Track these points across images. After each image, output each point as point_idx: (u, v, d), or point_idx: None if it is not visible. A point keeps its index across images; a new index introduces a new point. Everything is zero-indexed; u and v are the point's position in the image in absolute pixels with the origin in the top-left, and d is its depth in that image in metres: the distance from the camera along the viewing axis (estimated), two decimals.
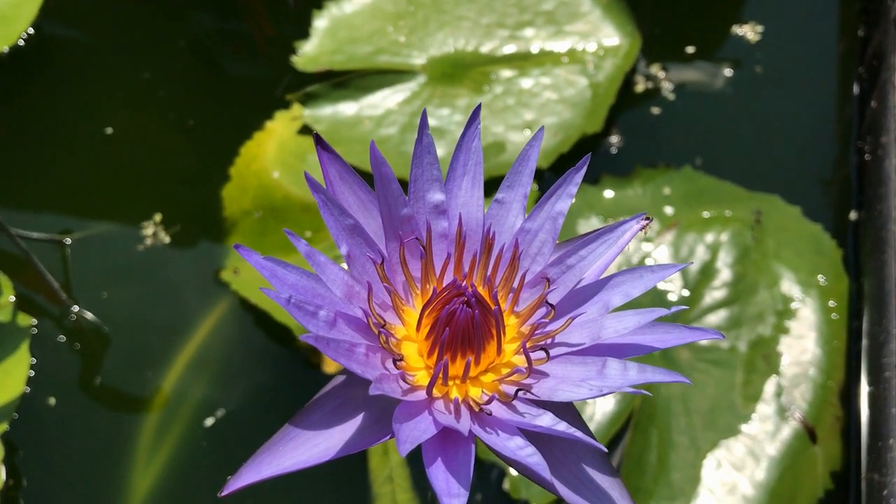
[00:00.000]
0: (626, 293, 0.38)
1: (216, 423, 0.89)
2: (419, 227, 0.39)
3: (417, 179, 0.39)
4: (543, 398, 0.36)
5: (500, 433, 0.34)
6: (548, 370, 0.37)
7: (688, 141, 1.07)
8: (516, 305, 0.39)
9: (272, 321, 0.92)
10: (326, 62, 1.10)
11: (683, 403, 0.85)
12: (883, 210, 0.88)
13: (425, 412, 0.35)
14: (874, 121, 0.97)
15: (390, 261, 0.38)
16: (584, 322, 0.38)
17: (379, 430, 0.35)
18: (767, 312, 0.90)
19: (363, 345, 0.35)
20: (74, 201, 1.04)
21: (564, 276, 0.39)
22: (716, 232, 0.94)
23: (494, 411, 0.35)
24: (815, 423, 0.84)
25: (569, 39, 1.10)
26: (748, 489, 0.81)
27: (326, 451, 0.34)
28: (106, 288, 0.97)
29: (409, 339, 0.38)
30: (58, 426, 0.90)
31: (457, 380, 0.37)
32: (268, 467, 0.34)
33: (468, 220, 0.40)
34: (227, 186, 1.01)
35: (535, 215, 0.39)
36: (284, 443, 0.35)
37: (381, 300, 0.38)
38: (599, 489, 0.35)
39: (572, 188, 0.39)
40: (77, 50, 1.17)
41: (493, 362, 0.38)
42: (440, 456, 0.33)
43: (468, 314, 0.36)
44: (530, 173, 0.40)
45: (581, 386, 0.35)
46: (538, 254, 0.40)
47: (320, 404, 0.36)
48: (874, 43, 1.03)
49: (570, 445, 0.36)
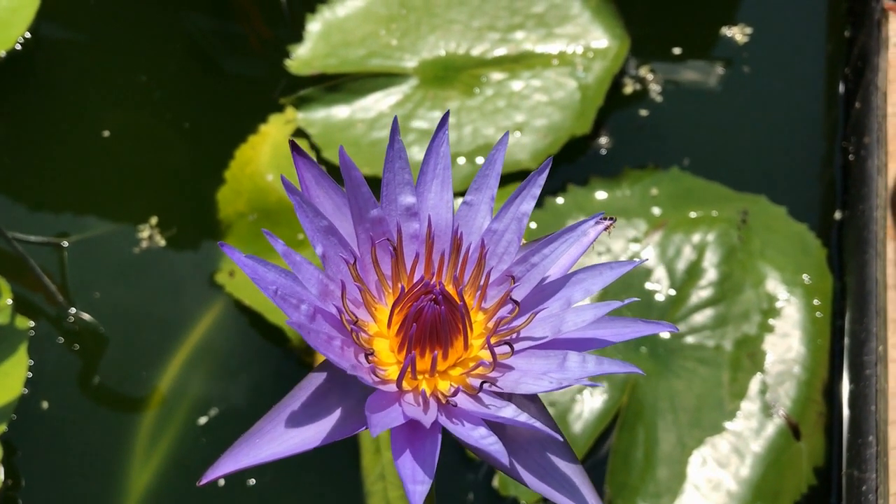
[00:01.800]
0: (586, 289, 0.39)
1: (211, 422, 0.91)
2: (390, 228, 0.41)
3: (389, 183, 0.41)
4: (507, 390, 0.37)
5: (466, 424, 0.36)
6: (513, 364, 0.39)
7: (675, 142, 1.08)
8: (484, 302, 0.41)
9: (266, 322, 0.93)
10: (319, 66, 1.11)
11: (670, 401, 0.87)
12: (865, 210, 0.90)
13: (395, 404, 0.36)
14: (858, 121, 0.98)
15: (363, 261, 0.40)
16: (547, 317, 0.39)
17: (352, 423, 0.37)
18: (753, 311, 0.91)
19: (339, 338, 0.37)
20: (72, 204, 1.06)
21: (529, 273, 0.40)
22: (702, 232, 0.95)
23: (460, 403, 0.37)
24: (799, 420, 0.86)
25: (559, 42, 1.11)
26: (733, 485, 0.83)
27: (302, 443, 0.36)
28: (102, 290, 0.99)
29: (380, 336, 0.40)
30: (56, 427, 0.92)
31: (426, 374, 0.38)
32: (245, 457, 0.36)
33: (437, 221, 0.41)
34: (222, 189, 1.03)
35: (501, 216, 0.41)
36: (262, 434, 0.36)
37: (354, 298, 0.39)
38: (563, 476, 0.37)
39: (535, 189, 0.41)
40: (74, 53, 1.18)
41: (461, 357, 0.39)
42: (408, 447, 0.35)
43: (435, 310, 0.37)
44: (496, 176, 0.41)
45: (542, 378, 0.37)
46: (504, 253, 0.41)
47: (296, 397, 0.37)
48: (859, 44, 1.04)
49: (534, 436, 0.37)
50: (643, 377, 0.88)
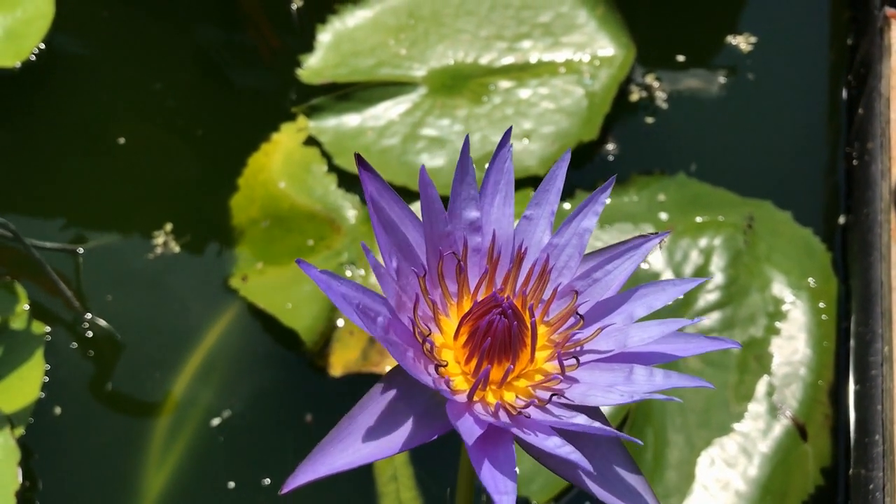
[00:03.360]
0: (649, 305, 0.40)
1: (226, 426, 0.92)
2: (457, 243, 0.41)
3: (457, 198, 0.41)
4: (576, 402, 0.38)
5: (539, 434, 0.36)
6: (577, 376, 0.39)
7: (681, 148, 1.10)
8: (546, 315, 0.42)
9: (279, 326, 0.95)
10: (330, 75, 1.13)
11: (678, 403, 0.88)
12: (870, 213, 0.91)
13: (466, 414, 0.37)
14: (861, 127, 1.00)
15: (431, 274, 0.41)
16: (610, 331, 0.40)
17: (420, 432, 0.37)
18: (759, 314, 0.92)
19: (411, 350, 0.38)
20: (87, 211, 1.07)
21: (591, 288, 0.41)
22: (709, 237, 0.96)
23: (533, 414, 0.38)
24: (806, 420, 0.87)
25: (565, 50, 1.13)
26: (741, 485, 0.84)
27: (373, 453, 0.37)
28: (117, 295, 1.00)
29: (446, 347, 0.41)
30: (71, 430, 0.93)
31: (493, 385, 0.39)
32: (322, 466, 0.37)
33: (500, 235, 0.42)
34: (236, 196, 1.04)
35: (562, 231, 0.42)
36: (335, 444, 0.37)
37: (422, 312, 0.40)
38: (627, 485, 0.38)
39: (598, 207, 0.42)
40: (88, 63, 1.20)
41: (525, 369, 0.40)
42: (487, 458, 0.35)
43: (505, 324, 0.38)
44: (557, 192, 0.42)
45: (611, 391, 0.38)
46: (565, 267, 0.42)
47: (365, 408, 0.38)
48: (861, 51, 1.06)
49: (597, 447, 0.38)
50: None
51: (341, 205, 1.02)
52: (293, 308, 0.95)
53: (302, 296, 0.95)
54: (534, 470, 0.86)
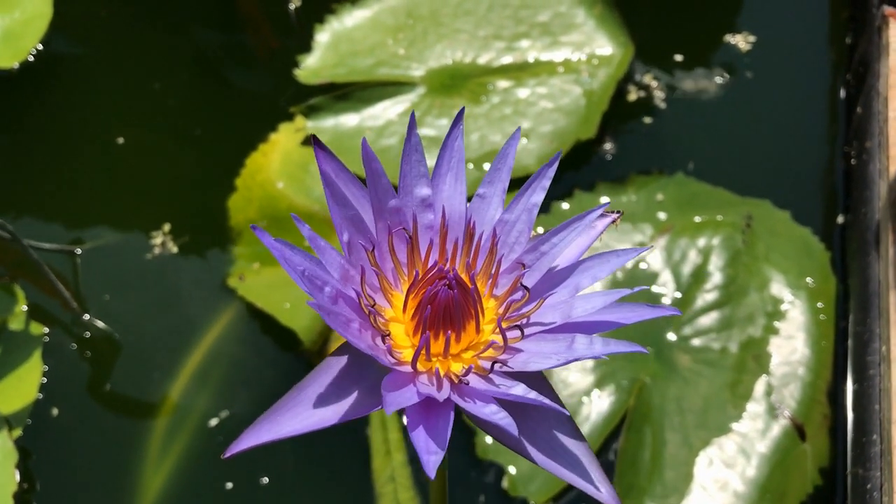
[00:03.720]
0: (593, 276, 0.41)
1: (224, 426, 0.92)
2: (407, 218, 0.43)
3: (406, 175, 0.43)
4: (517, 369, 0.39)
5: (477, 402, 0.38)
6: (522, 347, 0.40)
7: (680, 148, 1.10)
8: (496, 289, 0.43)
9: (278, 326, 0.95)
10: (328, 75, 1.13)
11: (676, 403, 0.88)
12: (868, 213, 0.91)
13: (410, 384, 0.38)
14: (860, 126, 1.00)
15: (380, 249, 0.42)
16: (556, 303, 0.41)
17: (368, 403, 0.39)
18: (758, 314, 0.92)
19: (357, 321, 0.39)
20: (86, 211, 1.07)
21: (539, 261, 0.42)
22: (707, 236, 0.96)
23: (472, 383, 0.39)
24: (804, 420, 0.87)
25: (564, 50, 1.13)
26: (739, 486, 0.84)
27: (320, 420, 0.38)
28: (115, 296, 1.00)
29: (396, 321, 0.42)
30: (69, 431, 0.93)
31: (439, 356, 0.40)
32: (267, 433, 0.38)
33: (451, 212, 0.43)
34: (233, 197, 1.04)
35: (512, 207, 0.43)
36: (283, 412, 0.38)
37: (372, 283, 0.41)
38: (571, 454, 0.39)
39: (545, 181, 0.43)
40: (86, 64, 1.20)
41: (474, 341, 0.41)
42: (422, 423, 0.37)
43: (449, 294, 0.39)
44: (508, 170, 0.43)
45: (550, 357, 0.39)
46: (515, 242, 0.43)
47: (315, 378, 0.39)
48: (860, 50, 1.06)
49: (543, 416, 0.39)
50: (650, 380, 0.89)
51: None
52: (291, 308, 0.95)
53: (300, 295, 0.95)
54: (532, 471, 0.86)
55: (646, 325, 0.92)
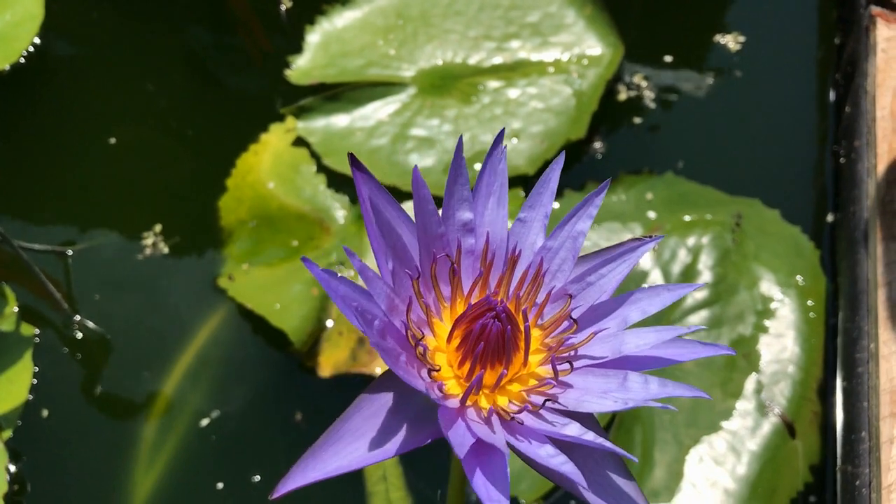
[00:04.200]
0: (643, 310, 0.40)
1: (215, 426, 0.92)
2: (451, 245, 0.41)
3: (450, 199, 0.41)
4: (570, 408, 0.38)
5: (532, 441, 0.36)
6: (571, 381, 0.39)
7: (670, 147, 1.10)
8: (539, 319, 0.42)
9: (269, 327, 0.95)
10: (319, 76, 1.13)
11: (667, 401, 0.88)
12: (856, 211, 0.91)
13: (458, 419, 0.37)
14: (848, 125, 1.00)
15: (424, 276, 0.40)
16: (605, 336, 0.40)
17: (412, 437, 0.37)
18: (748, 312, 0.92)
19: (404, 354, 0.38)
20: (77, 212, 1.07)
21: (585, 291, 0.41)
22: (697, 235, 0.97)
23: (526, 421, 0.37)
24: (794, 418, 0.87)
25: (554, 50, 1.13)
26: (729, 483, 0.84)
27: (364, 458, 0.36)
28: (106, 297, 1.00)
29: (439, 350, 0.40)
30: (60, 432, 0.93)
31: (486, 389, 0.39)
32: (313, 471, 0.37)
33: (494, 237, 0.42)
34: (224, 197, 1.04)
35: (556, 234, 0.42)
36: (326, 448, 0.37)
37: (415, 315, 0.40)
38: (620, 491, 0.37)
39: (592, 210, 0.42)
40: (78, 65, 1.20)
41: (518, 373, 0.40)
42: (478, 466, 0.35)
43: (499, 328, 0.38)
44: (551, 194, 0.42)
45: (605, 398, 0.37)
46: (559, 270, 0.42)
47: (357, 411, 0.38)
48: (848, 50, 1.06)
49: (588, 451, 0.38)
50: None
51: (330, 205, 1.03)
52: (282, 309, 0.95)
53: (291, 296, 0.95)
54: (523, 469, 0.86)
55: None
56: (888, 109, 0.90)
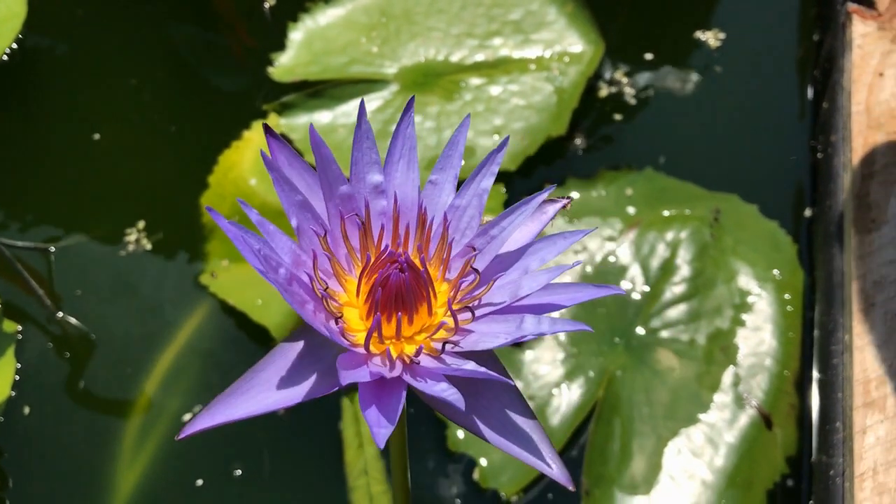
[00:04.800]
0: (541, 258, 0.42)
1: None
2: (359, 205, 0.43)
3: (358, 162, 0.43)
4: (468, 349, 0.40)
5: (428, 380, 0.38)
6: (473, 328, 0.41)
7: (649, 143, 1.11)
8: (448, 273, 0.43)
9: (251, 322, 0.95)
10: (302, 73, 1.13)
11: (646, 394, 0.89)
12: (832, 206, 0.92)
13: (364, 365, 0.39)
14: (826, 121, 1.01)
15: (333, 234, 0.42)
16: (505, 284, 0.42)
17: (324, 384, 0.39)
18: (725, 306, 0.93)
19: (311, 303, 0.40)
20: (60, 208, 1.08)
21: (489, 245, 0.43)
22: (676, 230, 0.97)
23: (424, 363, 0.40)
24: (772, 410, 0.88)
25: (535, 47, 1.14)
26: (707, 475, 0.85)
27: (276, 402, 0.38)
28: (89, 294, 1.00)
29: (350, 305, 0.42)
30: (42, 429, 0.93)
31: (392, 339, 0.41)
32: (221, 415, 0.38)
33: (403, 198, 0.44)
34: (206, 194, 1.05)
35: (462, 193, 0.44)
36: (238, 394, 0.39)
37: (325, 269, 0.42)
38: (522, 431, 0.40)
39: (494, 167, 0.44)
40: (62, 61, 1.20)
41: (426, 324, 0.42)
42: (374, 402, 0.38)
43: (400, 277, 0.40)
44: (459, 156, 0.44)
45: (499, 336, 0.40)
46: (467, 227, 0.44)
47: (271, 361, 0.40)
48: (826, 47, 1.07)
49: (495, 395, 0.40)
50: (620, 372, 0.90)
51: None
52: (263, 304, 0.95)
53: (271, 292, 0.95)
54: (503, 463, 0.87)
55: (615, 318, 0.93)
56: (863, 105, 0.91)
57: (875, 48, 0.95)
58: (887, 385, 0.76)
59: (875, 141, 0.89)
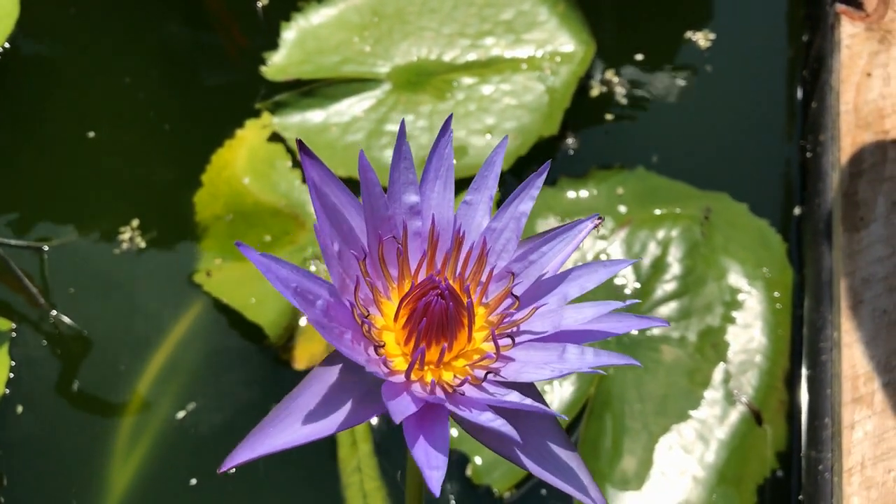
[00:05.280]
0: (582, 286, 0.42)
1: (191, 418, 0.92)
2: (397, 226, 0.42)
3: (395, 182, 0.42)
4: (510, 379, 0.39)
5: (473, 410, 0.38)
6: (513, 356, 0.40)
7: (641, 142, 1.12)
8: (484, 297, 0.43)
9: (244, 321, 0.95)
10: (295, 72, 1.14)
11: (637, 391, 0.90)
12: (821, 204, 0.93)
13: (404, 393, 0.38)
14: (815, 120, 1.02)
15: (372, 257, 0.42)
16: (546, 312, 0.41)
17: (361, 412, 0.38)
18: (716, 303, 0.94)
19: (350, 332, 0.39)
20: (54, 206, 1.08)
21: (527, 270, 0.42)
22: (667, 228, 0.98)
23: (467, 392, 0.39)
24: (762, 406, 0.89)
25: (527, 47, 1.15)
26: (698, 471, 0.86)
27: (314, 431, 0.37)
28: (83, 292, 1.00)
29: (387, 329, 0.42)
30: (37, 426, 0.93)
31: (431, 365, 0.40)
32: (261, 446, 0.37)
33: (440, 219, 0.43)
34: (200, 192, 1.05)
35: (500, 215, 0.43)
36: (275, 424, 0.38)
37: (363, 294, 0.41)
38: (561, 461, 0.39)
39: (534, 191, 0.43)
40: (56, 60, 1.21)
41: (464, 349, 0.41)
42: (420, 434, 0.36)
43: (442, 305, 0.39)
44: (495, 177, 0.43)
45: (543, 368, 0.39)
46: (503, 250, 0.43)
47: (306, 388, 0.39)
48: (815, 47, 1.08)
49: (533, 425, 0.39)
50: (611, 369, 0.91)
51: (305, 200, 1.03)
52: (257, 303, 0.96)
53: (266, 290, 0.96)
54: (496, 460, 0.87)
55: None
56: (851, 104, 0.92)
57: (863, 48, 0.96)
58: (875, 381, 0.77)
59: (863, 140, 0.90)
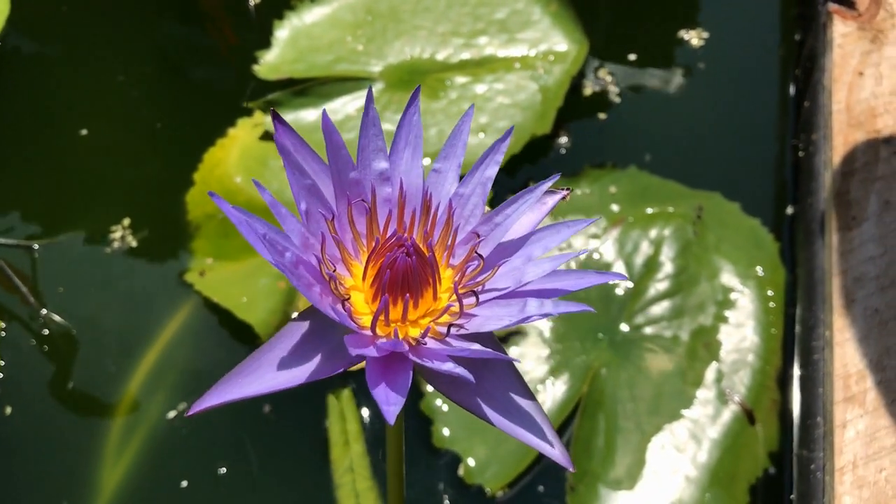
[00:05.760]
0: (545, 246, 0.43)
1: (182, 417, 0.92)
2: (366, 190, 0.44)
3: (364, 149, 0.43)
4: (473, 331, 0.41)
5: (435, 361, 0.39)
6: (477, 312, 0.42)
7: (633, 141, 1.12)
8: (452, 259, 0.44)
9: (235, 320, 0.95)
10: (287, 70, 1.13)
11: (629, 390, 0.89)
12: (813, 203, 0.93)
13: (370, 346, 0.40)
14: (807, 119, 1.02)
15: (340, 219, 0.43)
16: (509, 270, 0.43)
17: (331, 364, 0.40)
18: (708, 303, 0.94)
19: (318, 286, 0.40)
20: (45, 205, 1.07)
21: (493, 232, 0.44)
22: (659, 227, 0.98)
23: (429, 345, 0.40)
24: (754, 406, 0.89)
25: (520, 46, 1.14)
26: (691, 470, 0.86)
27: (285, 381, 0.39)
28: (74, 291, 1.00)
29: (356, 289, 0.43)
30: (26, 425, 0.93)
31: (397, 322, 0.41)
32: (229, 393, 0.39)
33: (409, 185, 0.44)
34: (191, 191, 1.04)
35: (467, 181, 0.44)
36: (246, 373, 0.39)
37: (332, 253, 0.42)
38: (524, 412, 0.40)
39: (498, 156, 0.44)
40: (47, 58, 1.20)
41: (431, 308, 0.42)
42: (382, 380, 0.38)
43: (407, 261, 0.40)
44: (463, 145, 0.45)
45: (503, 318, 0.40)
46: (471, 215, 0.44)
47: (279, 340, 0.40)
48: (807, 46, 1.08)
49: (496, 377, 0.41)
50: (604, 368, 0.91)
51: None
52: (248, 302, 0.95)
53: (257, 290, 0.96)
54: (488, 459, 0.87)
55: (599, 314, 0.93)
56: (843, 103, 0.92)
57: (855, 48, 0.96)
58: (867, 380, 0.77)
59: (855, 139, 0.90)
